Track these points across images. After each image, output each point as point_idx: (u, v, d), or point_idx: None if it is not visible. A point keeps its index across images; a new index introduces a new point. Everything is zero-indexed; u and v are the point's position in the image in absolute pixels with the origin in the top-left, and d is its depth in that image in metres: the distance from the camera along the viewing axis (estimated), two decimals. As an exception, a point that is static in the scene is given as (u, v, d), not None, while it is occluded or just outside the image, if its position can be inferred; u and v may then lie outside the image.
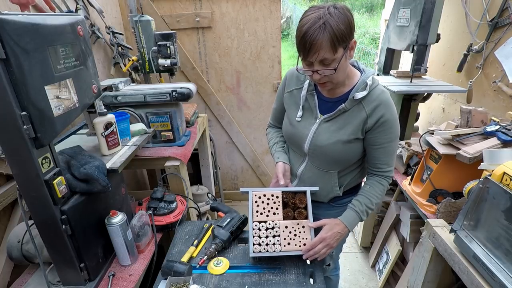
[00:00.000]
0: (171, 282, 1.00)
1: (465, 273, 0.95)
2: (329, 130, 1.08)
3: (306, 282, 1.04)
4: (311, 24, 0.89)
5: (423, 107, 2.25)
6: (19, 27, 0.70)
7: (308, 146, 1.13)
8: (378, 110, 1.02)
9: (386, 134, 1.05)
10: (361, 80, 1.04)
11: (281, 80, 1.25)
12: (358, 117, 1.04)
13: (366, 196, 1.12)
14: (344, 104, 1.04)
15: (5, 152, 0.79)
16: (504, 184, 0.84)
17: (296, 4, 11.23)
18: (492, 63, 1.65)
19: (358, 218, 1.11)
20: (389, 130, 1.04)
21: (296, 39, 0.95)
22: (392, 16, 1.95)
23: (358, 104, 1.04)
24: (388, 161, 1.10)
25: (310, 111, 1.13)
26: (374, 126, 1.04)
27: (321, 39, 0.89)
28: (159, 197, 1.39)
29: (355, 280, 2.13)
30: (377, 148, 1.08)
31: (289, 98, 1.19)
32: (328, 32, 0.88)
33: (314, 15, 0.90)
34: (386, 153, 1.09)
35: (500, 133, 1.21)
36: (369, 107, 1.03)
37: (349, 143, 1.07)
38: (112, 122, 1.16)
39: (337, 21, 0.89)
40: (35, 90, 0.76)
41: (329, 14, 0.89)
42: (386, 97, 1.04)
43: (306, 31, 0.90)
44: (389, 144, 1.07)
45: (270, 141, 1.34)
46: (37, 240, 0.94)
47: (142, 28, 1.81)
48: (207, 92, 2.53)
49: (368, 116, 1.03)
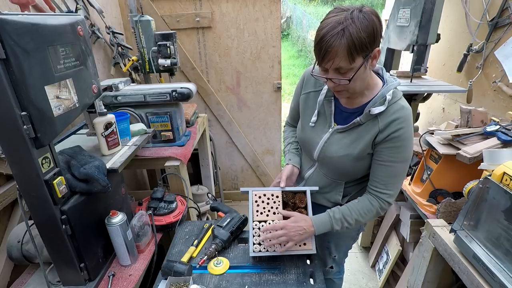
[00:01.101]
0: (171, 282, 1.00)
1: (465, 273, 0.95)
2: (341, 142, 1.03)
3: (306, 282, 1.04)
4: (330, 29, 0.82)
5: (423, 107, 2.25)
6: (19, 27, 0.70)
7: (317, 154, 1.10)
8: (392, 125, 0.93)
9: (394, 152, 0.95)
10: (381, 93, 0.96)
11: (299, 79, 1.17)
12: (370, 131, 0.97)
13: (348, 208, 1.05)
14: (359, 118, 0.97)
15: (5, 152, 0.79)
16: (504, 184, 0.84)
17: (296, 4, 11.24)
18: (492, 63, 1.65)
19: (329, 225, 1.03)
20: (398, 148, 0.95)
21: (314, 40, 0.88)
22: (392, 16, 1.95)
23: (374, 118, 0.96)
24: (387, 182, 0.99)
25: (325, 118, 1.07)
26: (384, 139, 0.95)
27: (337, 47, 0.82)
28: (159, 197, 1.39)
29: (355, 280, 2.13)
30: (379, 164, 0.99)
31: (305, 100, 1.13)
32: (346, 39, 0.81)
33: (335, 19, 0.83)
34: (388, 173, 0.99)
35: (500, 133, 1.21)
36: (383, 122, 0.94)
37: (359, 158, 1.01)
38: (112, 122, 1.16)
39: (358, 27, 0.81)
40: (35, 90, 0.76)
41: (351, 19, 0.82)
42: (406, 113, 0.94)
43: (323, 36, 0.83)
44: (394, 164, 0.97)
45: (286, 140, 1.32)
46: (37, 240, 0.94)
47: (142, 28, 1.80)
48: (207, 92, 2.53)
49: (380, 131, 0.95)
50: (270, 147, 2.78)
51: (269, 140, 2.75)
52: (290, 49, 10.19)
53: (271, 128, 2.70)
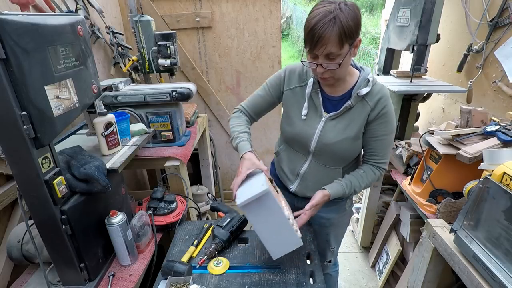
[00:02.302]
0: (171, 282, 1.00)
1: (465, 273, 0.95)
2: (336, 128, 1.10)
3: (306, 282, 1.04)
4: (322, 17, 0.90)
5: (423, 107, 2.25)
6: (19, 27, 0.70)
7: (315, 145, 1.13)
8: (381, 102, 1.06)
9: (386, 126, 1.09)
10: (362, 77, 1.07)
11: (277, 74, 1.20)
12: (362, 112, 1.07)
13: (358, 180, 1.14)
14: (350, 101, 1.06)
15: (5, 152, 0.79)
16: (504, 184, 0.84)
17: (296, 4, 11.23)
18: (492, 63, 1.65)
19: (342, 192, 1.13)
20: (388, 122, 1.09)
21: (304, 30, 0.95)
22: (392, 16, 1.95)
23: (362, 100, 1.07)
24: (384, 153, 1.14)
25: (315, 109, 1.13)
26: (375, 117, 1.07)
27: (329, 33, 0.90)
28: (159, 197, 1.39)
29: (355, 280, 2.13)
30: (376, 140, 1.11)
31: (291, 96, 1.17)
32: (337, 27, 0.89)
33: (325, 9, 0.91)
34: (383, 145, 1.12)
35: (500, 133, 1.21)
36: (372, 101, 1.06)
37: (356, 138, 1.10)
38: (112, 122, 1.16)
39: (347, 17, 0.90)
40: (35, 90, 0.76)
41: (340, 9, 0.90)
42: (386, 91, 1.09)
43: (316, 23, 0.90)
44: (387, 137, 1.11)
45: (238, 126, 1.20)
46: (37, 240, 0.94)
47: (142, 28, 1.81)
48: (207, 92, 2.53)
49: (372, 108, 1.06)
50: (270, 147, 2.78)
51: (269, 140, 2.75)
52: (290, 49, 10.19)
53: (271, 128, 2.70)
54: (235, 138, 1.17)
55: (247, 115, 1.28)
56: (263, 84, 1.24)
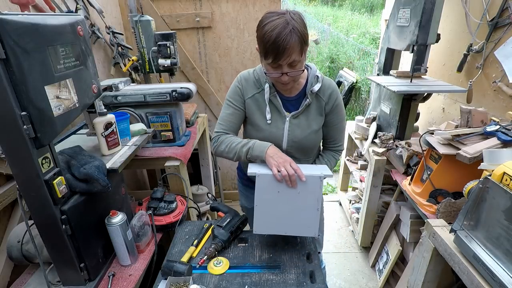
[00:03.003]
0: (171, 282, 1.00)
1: (465, 273, 0.95)
2: (300, 124, 1.20)
3: (306, 282, 1.04)
4: (281, 29, 0.96)
5: (423, 107, 2.25)
6: (19, 27, 0.70)
7: (286, 144, 1.21)
8: (332, 96, 1.20)
9: (340, 115, 1.24)
10: (312, 75, 1.18)
11: (234, 89, 1.23)
12: (319, 106, 1.20)
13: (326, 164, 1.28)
14: (308, 100, 1.17)
15: (5, 152, 0.79)
16: (504, 184, 0.84)
17: (296, 4, 11.23)
18: (492, 63, 1.65)
19: None
20: (340, 111, 1.24)
21: (264, 43, 0.99)
22: (392, 16, 1.95)
23: (316, 96, 1.19)
24: (341, 138, 1.31)
25: (277, 111, 1.20)
26: (331, 110, 1.21)
27: (293, 43, 0.96)
28: (159, 197, 1.39)
29: (355, 280, 2.13)
30: (332, 128, 1.26)
31: (252, 103, 1.21)
32: (297, 36, 0.97)
33: (281, 21, 0.97)
34: (339, 131, 1.29)
35: (500, 133, 1.21)
36: (325, 95, 1.19)
37: (318, 129, 1.24)
38: (112, 122, 1.16)
39: (300, 25, 0.98)
40: (35, 90, 0.76)
41: (293, 19, 0.97)
42: (335, 84, 1.23)
43: (278, 36, 0.95)
44: (341, 124, 1.27)
45: (235, 141, 1.17)
46: (37, 240, 0.94)
47: (142, 28, 1.81)
48: (207, 92, 2.53)
49: (326, 102, 1.20)
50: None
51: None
52: (290, 49, 10.17)
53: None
54: (241, 148, 1.14)
55: (228, 134, 1.25)
56: (226, 103, 1.24)
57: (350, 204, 2.69)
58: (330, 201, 3.06)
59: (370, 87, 4.08)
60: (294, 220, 1.09)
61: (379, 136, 1.95)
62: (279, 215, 1.08)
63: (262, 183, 1.05)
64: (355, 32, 7.65)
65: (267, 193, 1.06)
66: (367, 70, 5.35)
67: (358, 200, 2.64)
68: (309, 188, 1.05)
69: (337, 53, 6.59)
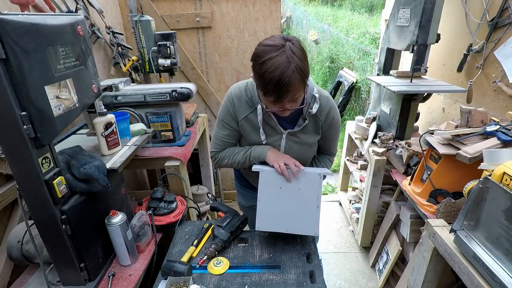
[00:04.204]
0: (171, 282, 1.00)
1: (465, 273, 0.95)
2: (297, 142, 1.21)
3: (306, 282, 1.04)
4: (284, 69, 0.90)
5: (423, 107, 2.25)
6: (19, 27, 0.70)
7: None
8: (329, 114, 1.19)
9: (335, 130, 1.26)
10: (309, 94, 1.11)
11: (226, 110, 1.19)
12: (315, 125, 1.20)
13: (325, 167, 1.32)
14: (307, 121, 1.16)
15: (5, 152, 0.79)
16: (504, 184, 0.84)
17: (296, 4, 11.23)
18: (492, 63, 1.65)
19: None
20: (337, 126, 1.26)
21: (265, 83, 0.93)
22: (392, 16, 1.95)
23: (314, 116, 1.17)
24: (335, 144, 1.36)
25: (272, 129, 1.19)
26: (328, 127, 1.22)
27: (296, 83, 0.93)
28: (159, 197, 1.39)
29: (355, 280, 2.13)
30: (328, 139, 1.29)
31: (246, 124, 1.19)
32: (299, 74, 0.92)
33: (282, 59, 0.90)
34: (334, 141, 1.33)
35: (500, 133, 1.21)
36: (322, 115, 1.18)
37: (315, 144, 1.27)
38: (112, 122, 1.16)
39: (301, 59, 0.93)
40: (35, 90, 0.76)
41: (292, 53, 0.91)
42: (332, 102, 1.20)
43: (281, 77, 0.90)
44: (337, 134, 1.31)
45: (236, 150, 1.24)
46: (37, 240, 0.94)
47: (142, 28, 1.81)
48: (207, 92, 2.53)
49: (323, 121, 1.19)
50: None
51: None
52: (290, 49, 10.16)
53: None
54: (243, 156, 1.21)
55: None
56: (220, 123, 1.23)
57: (350, 204, 2.69)
58: (330, 201, 3.06)
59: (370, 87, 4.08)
60: (295, 217, 1.12)
61: (379, 136, 1.95)
62: (281, 211, 1.12)
63: (265, 179, 1.12)
64: (355, 32, 7.64)
65: (269, 188, 1.12)
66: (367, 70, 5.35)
67: (358, 200, 2.64)
68: (309, 185, 1.12)
69: (337, 53, 6.59)
